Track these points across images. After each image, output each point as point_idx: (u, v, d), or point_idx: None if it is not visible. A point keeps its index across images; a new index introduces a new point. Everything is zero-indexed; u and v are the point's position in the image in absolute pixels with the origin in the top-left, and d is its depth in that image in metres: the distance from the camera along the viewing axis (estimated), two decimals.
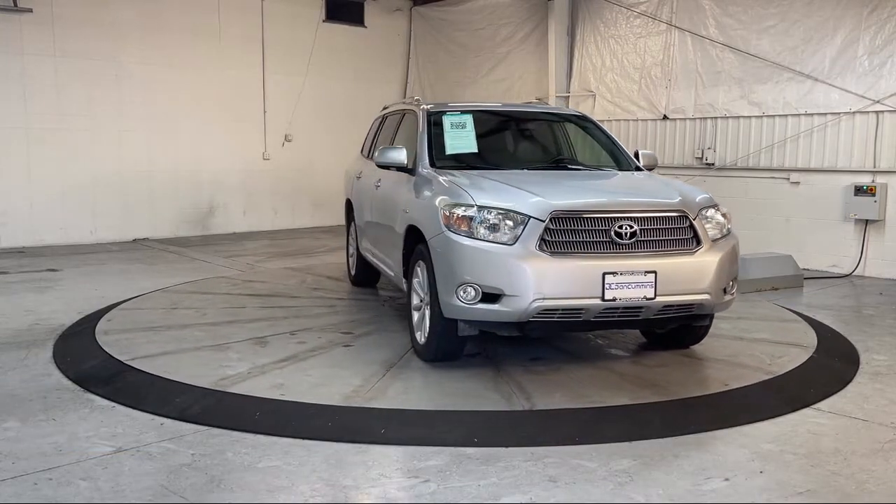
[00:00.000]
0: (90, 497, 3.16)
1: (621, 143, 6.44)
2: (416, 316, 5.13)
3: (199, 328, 5.83)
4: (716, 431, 3.96)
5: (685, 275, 4.56)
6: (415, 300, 5.13)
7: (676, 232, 4.62)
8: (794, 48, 9.15)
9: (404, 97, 13.23)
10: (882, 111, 8.52)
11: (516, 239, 4.40)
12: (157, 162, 11.48)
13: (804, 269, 8.60)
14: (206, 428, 3.91)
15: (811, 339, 5.75)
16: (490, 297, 4.39)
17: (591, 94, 11.45)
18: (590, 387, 4.59)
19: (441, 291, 4.55)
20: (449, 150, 5.61)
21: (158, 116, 11.40)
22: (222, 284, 7.68)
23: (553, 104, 11.61)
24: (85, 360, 5.08)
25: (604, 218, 4.48)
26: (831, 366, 5.22)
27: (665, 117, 10.55)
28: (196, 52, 11.70)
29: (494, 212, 4.49)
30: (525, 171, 5.52)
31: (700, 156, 10.18)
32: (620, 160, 6.04)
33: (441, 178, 5.12)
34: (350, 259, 7.79)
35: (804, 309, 6.92)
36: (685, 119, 10.34)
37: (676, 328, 5.11)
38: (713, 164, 10.01)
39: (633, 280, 4.40)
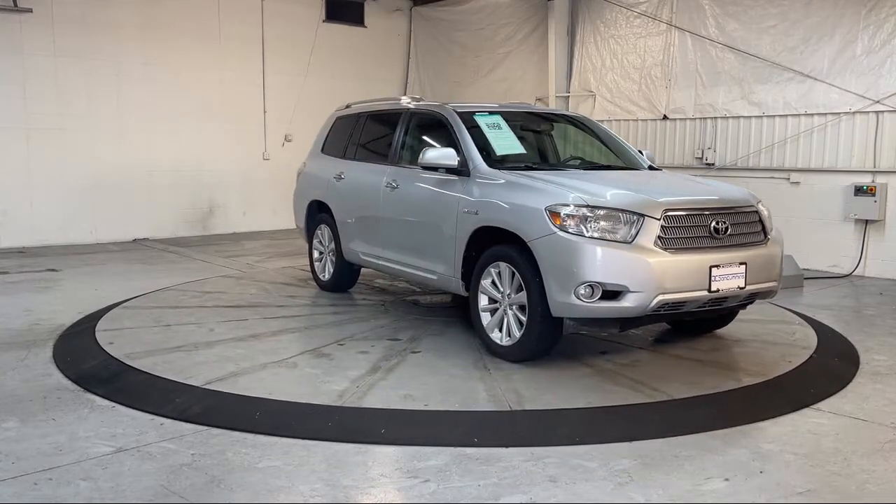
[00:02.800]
0: (90, 497, 3.16)
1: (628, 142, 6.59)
2: (486, 317, 5.16)
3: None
4: (716, 431, 3.95)
5: (763, 264, 4.95)
6: (483, 301, 5.17)
7: (753, 226, 5.04)
8: (793, 48, 9.15)
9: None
10: (882, 111, 8.52)
11: (633, 237, 4.55)
12: (158, 162, 11.48)
13: (804, 269, 8.60)
14: (206, 428, 3.91)
15: (811, 339, 5.75)
16: (611, 294, 4.49)
17: (591, 95, 11.45)
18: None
19: (553, 291, 4.58)
20: (500, 151, 5.63)
21: (158, 116, 11.40)
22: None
23: (553, 104, 11.63)
24: (85, 360, 5.08)
25: (704, 215, 4.79)
26: (831, 366, 5.22)
27: (665, 117, 10.55)
28: (196, 51, 11.71)
29: (609, 211, 4.60)
30: (574, 170, 5.70)
31: (700, 156, 10.18)
32: (635, 160, 6.29)
33: (523, 180, 5.09)
34: (317, 264, 7.46)
35: (804, 309, 6.92)
36: (685, 119, 10.34)
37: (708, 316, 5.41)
38: (713, 165, 10.01)
39: (731, 272, 4.74)
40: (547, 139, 6.65)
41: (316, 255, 7.50)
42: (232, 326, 5.87)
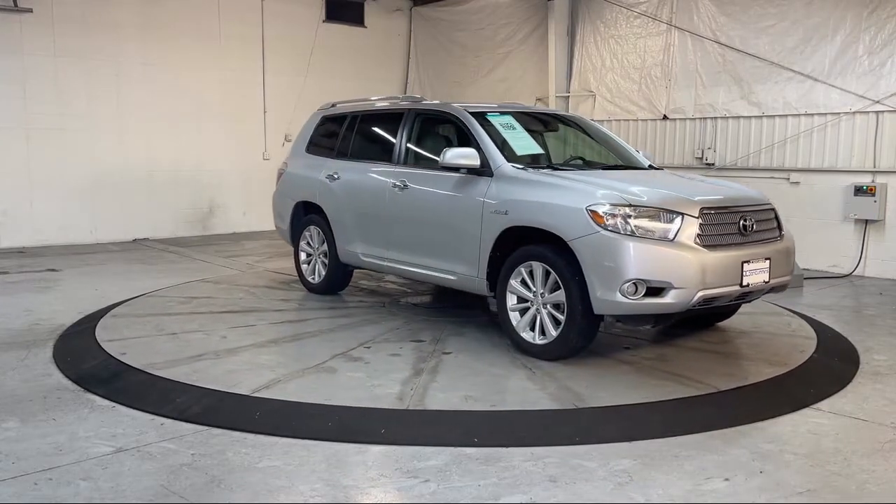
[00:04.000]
0: (90, 497, 3.16)
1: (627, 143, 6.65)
2: (515, 317, 5.19)
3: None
4: (715, 431, 3.95)
5: (781, 259, 5.17)
6: (512, 301, 5.20)
7: (771, 223, 5.27)
8: (793, 48, 9.15)
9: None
10: (882, 111, 8.52)
11: (674, 235, 4.67)
12: (157, 162, 11.48)
13: (804, 269, 8.59)
14: (206, 428, 3.91)
15: (811, 339, 5.76)
16: (655, 291, 4.60)
17: (591, 95, 11.46)
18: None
19: (596, 289, 4.65)
20: (520, 152, 5.67)
21: (158, 116, 11.40)
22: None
23: (553, 104, 11.64)
24: (85, 360, 5.08)
25: (734, 212, 4.98)
26: (831, 366, 5.22)
27: (665, 117, 10.55)
28: (196, 51, 11.71)
29: (651, 210, 4.72)
30: (594, 170, 5.78)
31: (700, 156, 10.18)
32: (637, 159, 6.40)
33: (555, 180, 5.14)
34: (305, 267, 7.30)
35: (804, 309, 6.92)
36: (685, 119, 10.34)
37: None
38: (713, 165, 10.01)
39: (758, 266, 4.94)
40: (549, 139, 6.66)
41: (303, 256, 7.34)
42: (244, 332, 5.70)
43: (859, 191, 8.64)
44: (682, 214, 4.71)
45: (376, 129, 6.94)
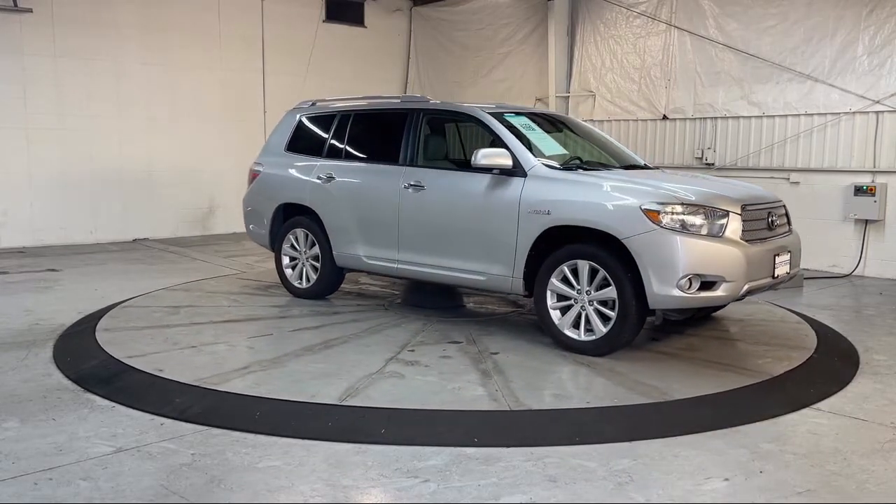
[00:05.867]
0: (90, 497, 3.16)
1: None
2: (556, 315, 5.29)
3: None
4: (716, 431, 3.96)
5: (795, 251, 5.59)
6: (551, 300, 5.30)
7: (783, 218, 5.63)
8: (794, 48, 9.15)
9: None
10: (882, 111, 8.53)
11: (722, 231, 4.92)
12: (157, 162, 11.49)
13: (804, 269, 8.58)
14: (206, 428, 3.91)
15: (811, 339, 5.76)
16: (709, 284, 4.85)
17: (590, 95, 11.46)
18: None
19: (653, 284, 4.83)
20: (547, 152, 5.78)
21: (158, 116, 11.41)
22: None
23: (553, 104, 11.65)
24: (85, 360, 5.08)
25: (764, 209, 5.34)
26: (831, 366, 5.22)
27: (665, 117, 10.55)
28: (196, 52, 11.71)
29: (701, 208, 4.94)
30: (611, 170, 5.86)
31: (700, 156, 10.18)
32: (636, 159, 6.58)
33: (599, 180, 5.29)
34: (289, 271, 7.05)
35: (804, 309, 6.92)
36: (685, 119, 10.34)
37: None
38: (713, 165, 10.01)
39: (784, 259, 5.33)
40: (570, 140, 6.70)
41: (286, 261, 7.09)
42: (269, 341, 5.54)
43: (859, 191, 8.64)
44: (728, 211, 4.97)
45: (377, 129, 6.86)
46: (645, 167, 6.39)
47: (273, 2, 12.46)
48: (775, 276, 5.19)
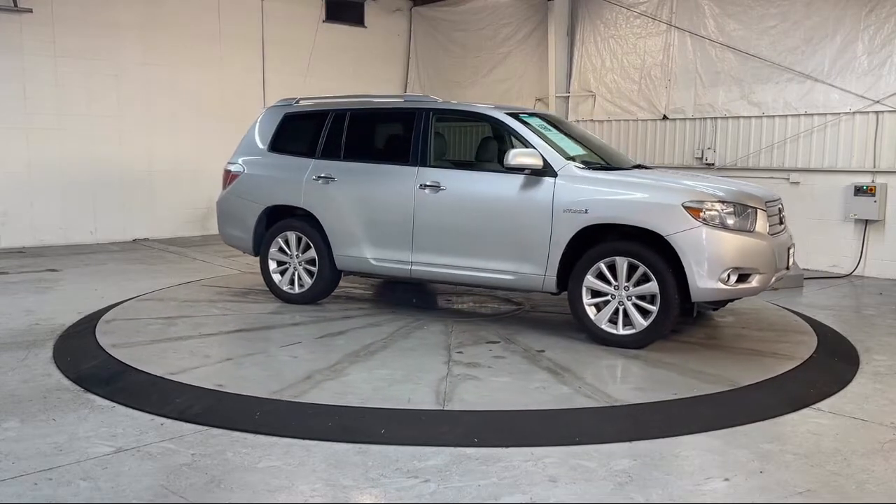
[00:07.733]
0: (90, 497, 3.16)
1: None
2: (591, 311, 5.46)
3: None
4: (716, 431, 3.96)
5: (792, 245, 5.87)
6: (588, 298, 5.45)
7: (782, 214, 5.92)
8: (794, 48, 9.15)
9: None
10: (882, 111, 8.53)
11: (753, 226, 5.25)
12: (157, 162, 11.49)
13: (804, 269, 8.60)
14: (206, 428, 3.91)
15: (811, 339, 5.76)
16: (745, 276, 5.17)
17: (591, 95, 11.46)
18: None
19: (697, 278, 5.07)
20: (571, 153, 5.87)
21: (158, 116, 11.40)
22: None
23: (553, 104, 11.65)
24: (85, 360, 5.07)
25: (775, 206, 5.66)
26: (831, 366, 5.22)
27: (665, 117, 10.55)
28: (196, 52, 11.71)
29: (737, 206, 5.22)
30: (625, 170, 5.98)
31: (700, 156, 10.18)
32: (627, 158, 6.75)
33: (635, 179, 5.56)
34: (278, 276, 6.79)
35: (804, 309, 6.92)
36: (685, 119, 10.34)
37: None
38: (713, 165, 10.01)
39: (792, 252, 5.76)
40: (577, 141, 6.69)
41: (273, 266, 6.81)
42: (306, 349, 5.30)
43: (859, 191, 8.64)
44: (756, 208, 5.29)
45: (378, 130, 6.80)
46: (644, 168, 6.54)
47: (273, 2, 12.46)
48: (788, 267, 5.58)
